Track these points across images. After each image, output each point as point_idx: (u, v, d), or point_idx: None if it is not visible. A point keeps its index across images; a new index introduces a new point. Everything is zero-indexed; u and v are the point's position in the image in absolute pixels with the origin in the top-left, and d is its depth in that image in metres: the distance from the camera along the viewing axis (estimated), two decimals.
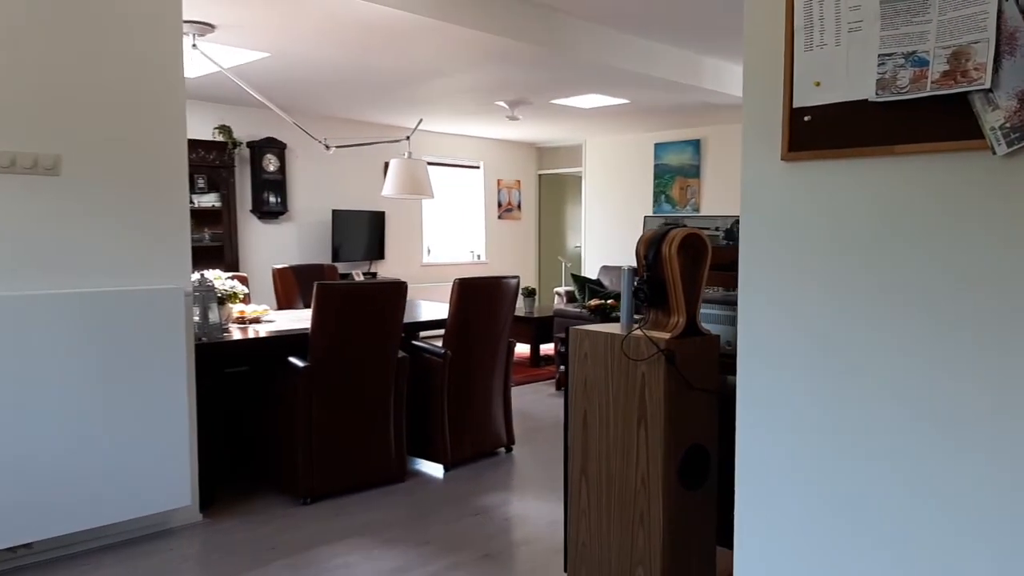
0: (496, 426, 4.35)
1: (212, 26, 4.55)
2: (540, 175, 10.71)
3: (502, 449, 4.45)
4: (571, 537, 2.14)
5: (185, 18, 4.37)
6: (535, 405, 5.71)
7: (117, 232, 3.11)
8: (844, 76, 1.53)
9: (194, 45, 4.60)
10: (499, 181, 10.14)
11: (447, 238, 9.69)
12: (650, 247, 1.94)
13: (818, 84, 1.57)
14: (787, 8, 1.62)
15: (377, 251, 8.55)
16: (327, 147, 4.81)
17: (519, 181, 10.41)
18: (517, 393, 6.04)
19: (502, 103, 7.19)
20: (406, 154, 4.93)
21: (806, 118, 1.60)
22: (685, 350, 1.93)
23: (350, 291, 3.58)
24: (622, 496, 1.99)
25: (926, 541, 1.48)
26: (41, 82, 2.90)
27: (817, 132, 1.58)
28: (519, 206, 10.42)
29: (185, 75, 5.63)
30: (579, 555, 2.12)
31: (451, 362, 4.01)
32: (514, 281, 4.24)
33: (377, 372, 3.73)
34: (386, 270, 8.81)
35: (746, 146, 1.72)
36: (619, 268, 8.64)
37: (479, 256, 9.95)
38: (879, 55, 1.48)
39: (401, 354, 3.83)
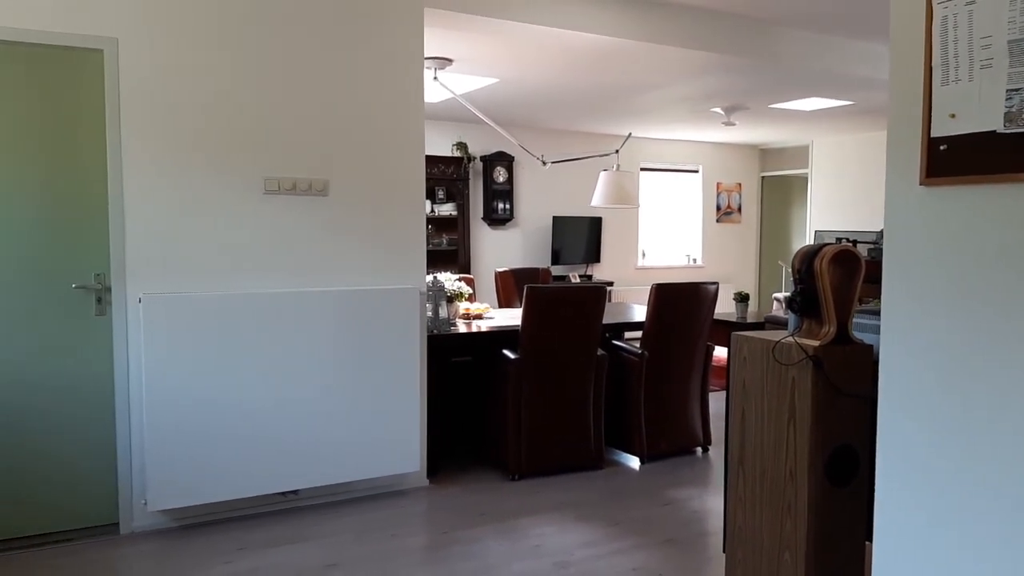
0: (693, 425, 4.56)
1: (450, 60, 5.22)
2: (763, 177, 10.52)
3: (699, 448, 4.64)
4: (729, 521, 2.38)
5: (427, 55, 5.07)
6: None
7: (368, 241, 3.79)
8: (976, 109, 1.65)
9: (435, 78, 5.30)
10: (718, 184, 10.12)
11: (662, 242, 9.87)
12: (804, 261, 2.14)
13: (953, 116, 1.70)
14: (926, 47, 1.75)
15: (594, 255, 8.98)
16: (543, 163, 5.29)
17: (740, 184, 10.31)
18: (721, 397, 6.14)
19: (717, 109, 7.27)
20: (614, 167, 5.29)
21: (942, 147, 1.73)
22: (834, 357, 2.10)
23: (553, 294, 4.01)
24: (773, 486, 2.20)
25: None
26: (315, 121, 3.64)
27: (951, 160, 1.71)
28: (739, 209, 10.32)
29: (429, 101, 6.46)
30: (736, 537, 2.35)
31: (647, 362, 4.30)
32: (712, 287, 4.42)
33: (578, 367, 4.13)
34: (601, 273, 9.20)
35: (889, 171, 1.87)
36: None
37: (694, 260, 10.00)
38: (1007, 90, 1.59)
39: (600, 352, 4.20)
